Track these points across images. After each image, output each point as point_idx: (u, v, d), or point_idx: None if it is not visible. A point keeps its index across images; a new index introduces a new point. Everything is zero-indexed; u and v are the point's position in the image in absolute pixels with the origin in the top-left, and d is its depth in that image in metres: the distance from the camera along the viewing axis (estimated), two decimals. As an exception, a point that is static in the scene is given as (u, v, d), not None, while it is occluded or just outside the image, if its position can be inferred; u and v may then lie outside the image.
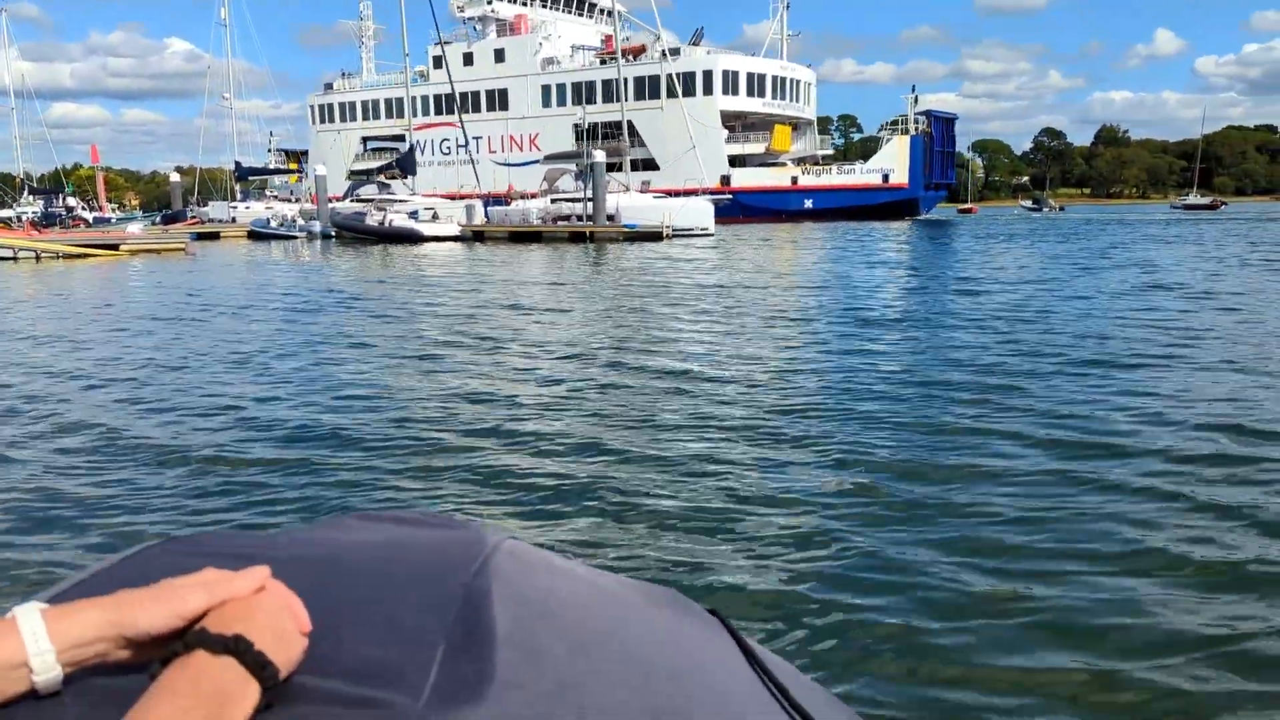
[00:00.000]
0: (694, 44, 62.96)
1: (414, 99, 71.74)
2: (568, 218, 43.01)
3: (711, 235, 41.61)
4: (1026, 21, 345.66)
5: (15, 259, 29.06)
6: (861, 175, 60.66)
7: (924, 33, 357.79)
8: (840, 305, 14.84)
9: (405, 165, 51.29)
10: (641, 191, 46.44)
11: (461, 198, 50.42)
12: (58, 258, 30.03)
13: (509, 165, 56.42)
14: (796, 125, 67.37)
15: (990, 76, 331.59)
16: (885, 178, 59.91)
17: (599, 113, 58.55)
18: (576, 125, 62.31)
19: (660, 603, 0.91)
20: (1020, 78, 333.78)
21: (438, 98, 67.79)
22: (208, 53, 71.40)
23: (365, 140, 75.95)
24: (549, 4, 69.83)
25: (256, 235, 48.83)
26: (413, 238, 41.03)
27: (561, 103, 65.38)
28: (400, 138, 72.63)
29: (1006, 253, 29.17)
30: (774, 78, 63.86)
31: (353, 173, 49.50)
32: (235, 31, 69.87)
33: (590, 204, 41.63)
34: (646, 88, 61.02)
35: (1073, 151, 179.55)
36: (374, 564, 0.83)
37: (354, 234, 43.97)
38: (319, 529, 0.95)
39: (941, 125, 62.30)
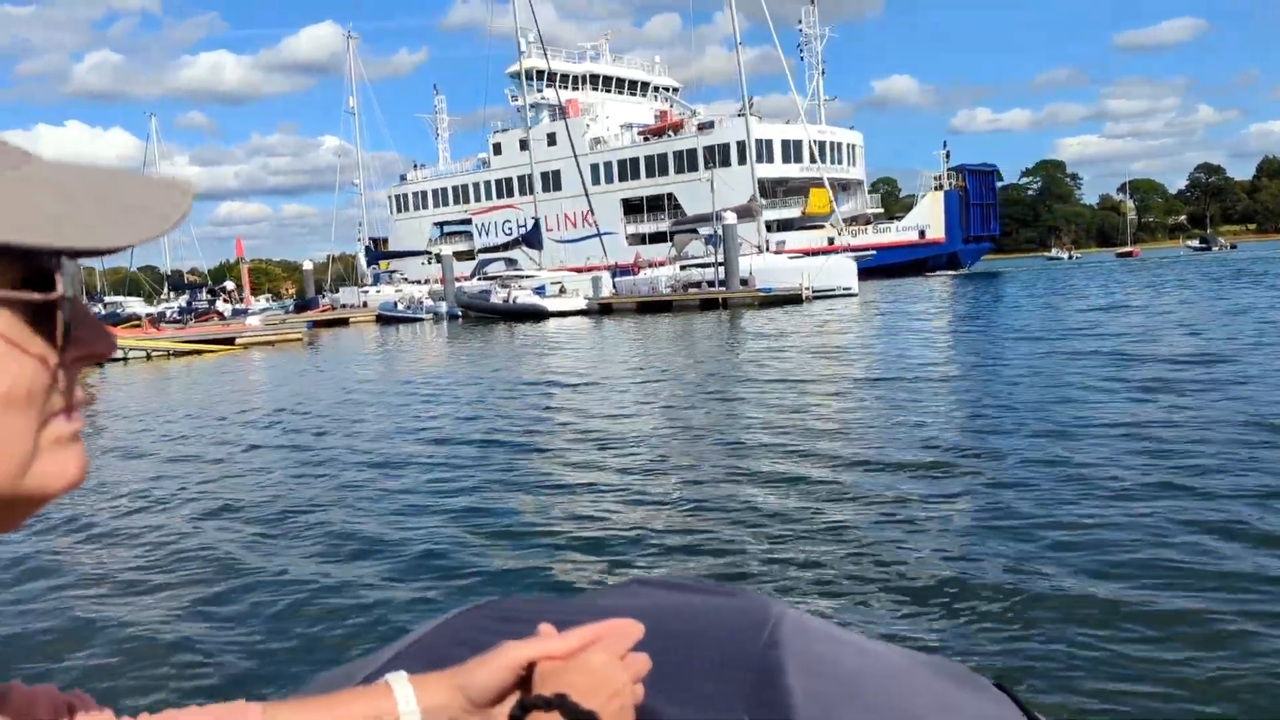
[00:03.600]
0: (741, 114, 62.46)
1: (478, 184, 76.47)
2: (698, 284, 40.66)
3: (855, 295, 38.45)
4: (1170, 56, 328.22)
5: (125, 360, 28.00)
6: (898, 233, 61.32)
7: (1060, 75, 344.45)
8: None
9: (531, 240, 50.18)
10: (777, 252, 43.74)
11: (588, 270, 48.85)
12: (169, 356, 29.10)
13: (564, 242, 59.42)
14: (846, 186, 67.77)
15: (1134, 115, 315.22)
16: (921, 233, 60.59)
17: (642, 187, 66.08)
18: (624, 200, 67.62)
19: (945, 675, 0.91)
20: (1167, 114, 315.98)
21: (499, 182, 73.72)
22: (359, 147, 73.39)
23: (440, 225, 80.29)
24: (599, 87, 72.68)
25: (384, 319, 48.23)
26: (537, 314, 39.33)
27: (609, 180, 68.56)
28: (468, 221, 76.50)
29: (1197, 303, 25.14)
30: (811, 142, 63.93)
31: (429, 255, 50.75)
32: (363, 119, 71.35)
33: (722, 269, 39.18)
34: (685, 161, 63.97)
35: (1233, 186, 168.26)
36: (668, 630, 0.86)
37: (479, 313, 42.68)
38: (612, 595, 1.04)
39: (977, 179, 62.77)
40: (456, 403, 13.60)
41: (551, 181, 67.62)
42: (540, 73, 66.70)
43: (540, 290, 42.65)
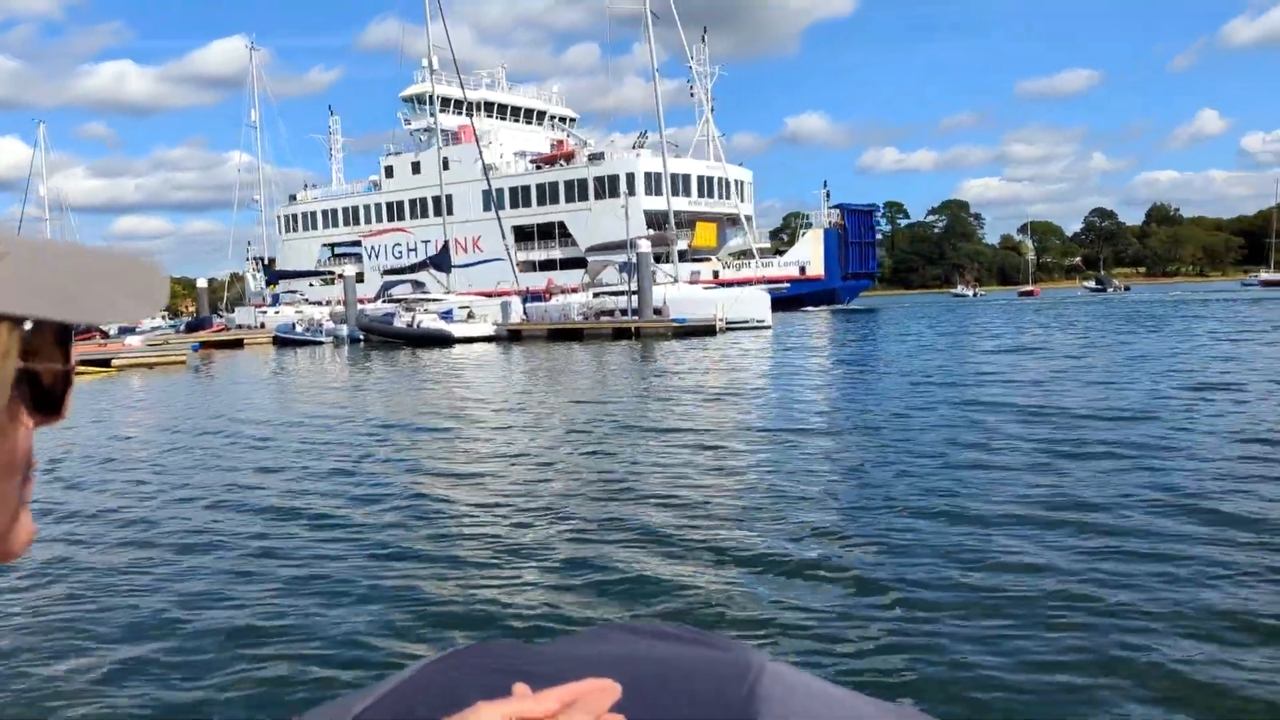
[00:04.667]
0: (638, 146, 64.09)
1: (369, 206, 75.20)
2: (611, 312, 39.78)
3: (769, 328, 38.02)
4: (1068, 105, 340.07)
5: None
6: (780, 268, 62.05)
7: (965, 119, 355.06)
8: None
9: (440, 263, 48.66)
10: (691, 282, 43.17)
11: (499, 295, 47.57)
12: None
13: (457, 267, 58.07)
14: (735, 221, 67.99)
15: (1034, 160, 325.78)
16: (802, 269, 62.00)
17: (534, 215, 65.83)
18: (516, 227, 65.78)
19: None
20: (1064, 160, 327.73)
21: (390, 205, 72.52)
22: (260, 162, 70.90)
23: (330, 246, 78.36)
24: (494, 114, 72.43)
25: (282, 341, 46.08)
26: (443, 340, 37.87)
27: (500, 206, 66.85)
28: (357, 243, 75.33)
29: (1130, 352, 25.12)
30: (700, 177, 64.67)
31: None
32: (270, 136, 69.18)
33: (635, 297, 38.38)
34: (576, 190, 64.26)
35: (1125, 231, 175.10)
36: (643, 682, 0.84)
37: (382, 337, 40.97)
38: (587, 641, 1.02)
39: (856, 218, 64.92)
40: (332, 445, 12.35)
41: (443, 206, 66.94)
42: (435, 97, 66.08)
43: (448, 315, 41.22)
